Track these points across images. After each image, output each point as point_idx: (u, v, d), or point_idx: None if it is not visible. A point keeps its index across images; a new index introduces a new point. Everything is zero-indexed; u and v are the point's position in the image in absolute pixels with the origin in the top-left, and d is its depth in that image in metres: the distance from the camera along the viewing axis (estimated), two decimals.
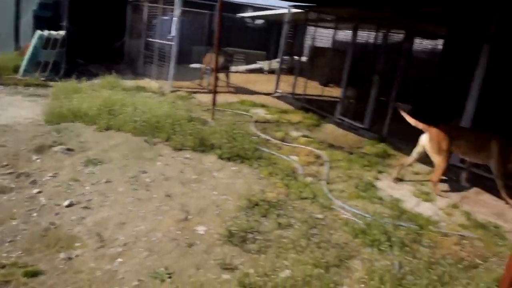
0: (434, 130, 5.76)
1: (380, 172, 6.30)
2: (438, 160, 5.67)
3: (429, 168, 6.63)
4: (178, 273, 3.45)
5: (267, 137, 7.46)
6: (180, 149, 6.27)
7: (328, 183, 5.62)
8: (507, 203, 5.46)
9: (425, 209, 5.16)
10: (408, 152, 7.34)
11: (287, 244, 3.97)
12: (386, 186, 5.79)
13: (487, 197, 5.75)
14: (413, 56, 10.69)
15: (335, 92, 11.87)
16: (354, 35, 9.67)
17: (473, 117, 6.70)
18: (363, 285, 3.54)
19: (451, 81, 8.36)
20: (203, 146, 6.35)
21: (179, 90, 10.98)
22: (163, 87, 10.96)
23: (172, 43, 10.89)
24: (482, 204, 5.50)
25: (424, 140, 5.83)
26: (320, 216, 4.67)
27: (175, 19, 10.77)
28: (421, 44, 13.16)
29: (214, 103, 8.47)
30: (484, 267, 3.89)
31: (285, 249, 3.90)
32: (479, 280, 3.51)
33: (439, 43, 13.05)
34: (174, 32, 10.77)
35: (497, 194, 5.67)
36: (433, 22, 9.47)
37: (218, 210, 4.57)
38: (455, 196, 5.66)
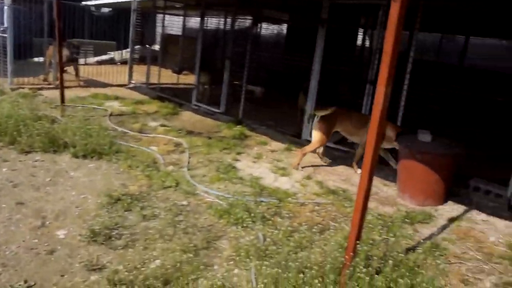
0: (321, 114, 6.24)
1: (238, 153, 6.54)
2: (317, 136, 6.13)
3: (284, 145, 7.11)
4: (40, 283, 3.22)
5: (124, 130, 7.24)
6: (28, 152, 5.76)
7: (189, 169, 5.68)
8: (355, 170, 6.10)
9: (282, 183, 5.52)
10: (263, 132, 7.78)
11: (154, 235, 3.95)
12: (245, 166, 6.04)
13: (336, 167, 6.34)
14: (261, 41, 11.20)
15: (189, 79, 11.92)
16: (203, 21, 9.79)
17: (317, 93, 7.30)
18: (232, 262, 3.68)
19: (296, 63, 8.97)
20: (54, 145, 5.91)
21: (21, 88, 10.00)
22: (1, 85, 9.88)
23: (6, 35, 9.83)
24: (332, 173, 6.06)
25: (315, 123, 6.28)
26: (184, 202, 4.71)
27: (5, 7, 9.71)
28: (268, 29, 13.81)
29: (62, 99, 7.92)
30: (336, 228, 4.32)
31: (152, 240, 3.88)
32: (332, 239, 3.89)
33: (285, 28, 13.84)
34: (6, 22, 9.71)
35: (345, 163, 6.32)
36: (276, 8, 10.02)
37: (78, 211, 4.34)
38: (309, 168, 6.14)
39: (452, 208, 5.15)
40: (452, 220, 4.83)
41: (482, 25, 8.56)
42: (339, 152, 6.92)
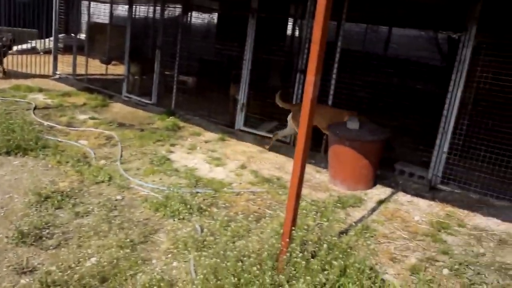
0: (295, 109, 6.26)
1: (172, 145, 6.48)
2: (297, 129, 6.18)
3: (218, 135, 7.11)
4: None
5: (51, 124, 6.90)
6: None
7: (122, 163, 5.56)
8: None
9: (218, 173, 5.55)
10: (196, 123, 7.74)
11: (88, 232, 3.84)
12: (180, 157, 6.00)
13: (269, 155, 6.45)
14: (192, 30, 11.06)
15: (119, 69, 11.56)
16: (131, 9, 9.51)
17: (250, 82, 7.37)
18: (170, 255, 3.67)
19: (228, 52, 8.97)
20: None
21: None
22: None
23: None
24: (266, 162, 6.17)
25: (289, 117, 6.39)
26: (118, 197, 4.61)
27: None
28: (199, 18, 13.63)
29: None
30: (272, 215, 4.43)
31: (86, 238, 3.77)
32: (269, 227, 3.99)
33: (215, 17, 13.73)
34: None
35: (279, 152, 6.47)
36: None
37: (4, 211, 4.11)
38: (243, 158, 6.20)
39: (380, 191, 5.44)
40: (380, 202, 5.11)
41: (403, 16, 9.04)
42: (272, 141, 7.03)
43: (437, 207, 5.13)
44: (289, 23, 12.95)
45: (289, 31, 13.03)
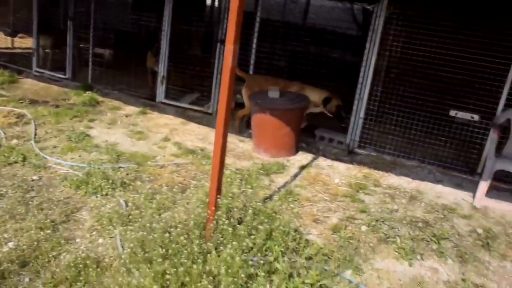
0: (249, 78, 6.24)
1: (91, 120, 6.23)
2: (246, 102, 6.14)
3: (139, 108, 6.92)
4: None
5: None
6: None
7: (37, 141, 5.27)
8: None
9: (140, 147, 5.44)
10: (115, 97, 7.48)
11: (3, 216, 3.64)
12: (99, 133, 5.80)
13: (192, 127, 6.41)
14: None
15: (27, 42, 10.77)
16: None
17: (169, 53, 7.21)
18: (95, 232, 3.59)
19: (145, 23, 8.66)
20: None
21: None
22: None
23: None
24: (189, 133, 6.13)
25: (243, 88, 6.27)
26: (35, 177, 4.39)
27: None
28: None
29: None
30: (197, 186, 4.44)
31: (2, 222, 3.58)
32: (194, 197, 4.00)
33: None
34: None
35: (201, 123, 6.45)
36: None
37: None
38: (166, 130, 6.11)
39: (302, 157, 5.63)
40: (302, 168, 5.29)
41: None
42: (193, 112, 6.99)
43: (355, 170, 5.41)
44: None
45: (209, 1, 12.82)
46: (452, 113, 5.54)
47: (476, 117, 5.43)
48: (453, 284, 3.41)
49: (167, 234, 3.05)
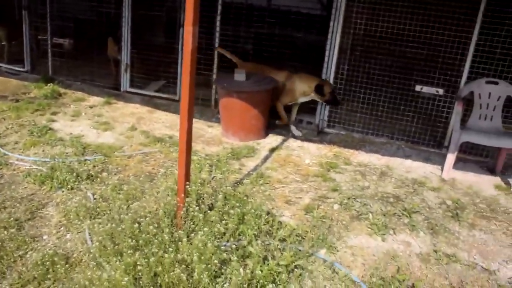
0: (241, 64, 6.07)
1: (54, 113, 6.02)
2: None
3: (103, 99, 6.74)
4: None
5: None
6: None
7: None
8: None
9: (106, 138, 5.30)
10: (79, 88, 7.25)
11: None
12: (63, 126, 5.61)
13: (159, 114, 6.28)
14: None
15: None
16: None
17: (131, 40, 7.02)
18: (62, 228, 3.48)
19: (105, 9, 8.39)
20: None
21: None
22: None
23: None
24: (157, 121, 6.01)
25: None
26: None
27: None
28: None
29: None
30: (167, 174, 4.36)
31: None
32: (163, 185, 3.91)
33: None
34: None
35: (168, 110, 6.34)
36: None
37: None
38: (133, 119, 5.97)
39: (272, 140, 5.60)
40: (273, 150, 5.27)
41: None
42: (160, 100, 6.85)
43: (325, 149, 5.42)
44: None
45: None
46: (418, 88, 5.60)
47: (440, 91, 5.50)
48: (425, 256, 3.47)
49: (136, 225, 2.98)
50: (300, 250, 3.25)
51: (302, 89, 5.68)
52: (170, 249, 2.76)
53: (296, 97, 5.76)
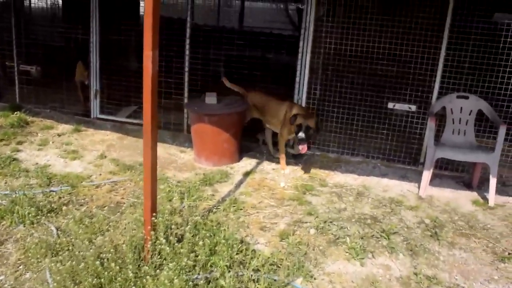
0: (250, 94, 5.69)
1: (20, 143, 5.79)
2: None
3: (72, 126, 6.53)
4: None
5: None
6: None
7: None
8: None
9: (74, 167, 5.10)
10: (47, 116, 7.03)
11: None
12: (29, 156, 5.39)
13: (131, 141, 6.09)
14: (33, 14, 9.95)
15: None
16: None
17: (101, 66, 6.87)
18: (21, 267, 3.26)
19: (74, 35, 8.23)
20: None
21: None
22: None
23: None
24: (128, 148, 5.82)
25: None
26: None
27: None
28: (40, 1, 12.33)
29: None
30: (136, 203, 4.17)
31: None
32: (132, 216, 3.73)
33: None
34: None
35: (139, 136, 6.16)
36: None
37: None
38: (103, 147, 5.78)
39: (246, 163, 5.47)
40: (247, 174, 5.14)
41: None
42: (131, 126, 6.66)
43: (300, 171, 5.32)
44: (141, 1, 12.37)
45: (142, 10, 12.45)
46: (390, 105, 5.58)
47: (413, 108, 5.49)
48: (405, 279, 3.35)
49: (99, 261, 2.79)
50: (275, 280, 3.10)
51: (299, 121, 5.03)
52: (135, 287, 2.58)
53: (293, 130, 5.12)
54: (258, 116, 5.69)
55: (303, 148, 4.98)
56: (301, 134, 4.89)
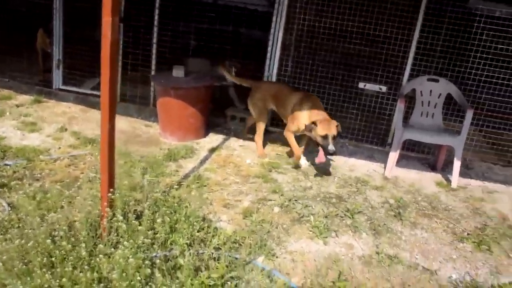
0: (256, 86, 5.23)
1: None
2: (252, 111, 5.24)
3: (32, 97, 6.25)
4: None
5: None
6: None
7: None
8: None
9: (32, 140, 4.87)
10: (5, 85, 6.69)
11: None
12: None
13: (94, 114, 5.86)
14: None
15: None
16: None
17: (64, 34, 6.56)
18: None
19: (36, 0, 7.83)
20: None
21: None
22: None
23: None
24: (90, 121, 5.61)
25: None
26: None
27: None
28: None
29: None
30: (95, 179, 3.99)
31: None
32: (89, 191, 3.56)
33: None
34: None
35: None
36: None
37: None
38: (64, 119, 5.55)
39: (212, 139, 5.36)
40: (213, 150, 5.03)
41: None
42: (95, 98, 6.40)
43: (268, 148, 5.25)
44: None
45: None
46: (361, 85, 5.53)
47: (384, 88, 5.46)
48: (367, 258, 3.35)
49: (50, 240, 2.65)
50: (236, 258, 3.03)
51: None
52: (87, 266, 2.46)
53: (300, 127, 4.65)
54: (274, 109, 5.16)
55: (320, 157, 4.42)
56: (332, 147, 4.20)
